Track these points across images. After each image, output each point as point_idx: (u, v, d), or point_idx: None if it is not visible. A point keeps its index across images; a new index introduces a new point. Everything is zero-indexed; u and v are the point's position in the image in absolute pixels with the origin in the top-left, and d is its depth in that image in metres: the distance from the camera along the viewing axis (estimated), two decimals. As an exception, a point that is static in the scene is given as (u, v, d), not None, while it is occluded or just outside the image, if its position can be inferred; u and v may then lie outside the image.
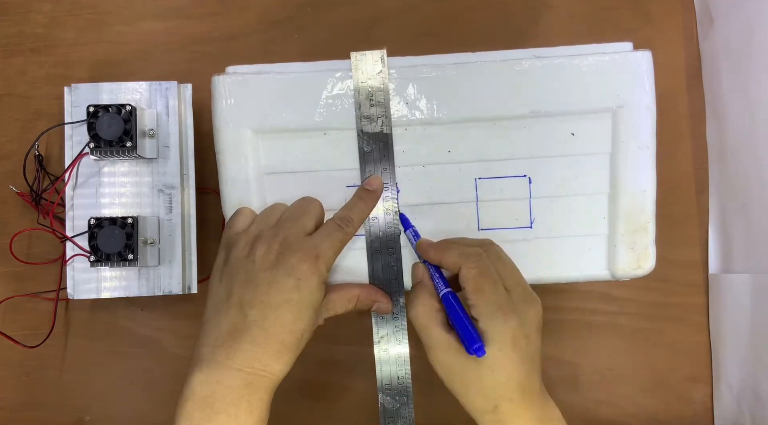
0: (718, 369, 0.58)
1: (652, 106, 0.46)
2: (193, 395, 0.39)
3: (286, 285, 0.40)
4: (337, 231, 0.43)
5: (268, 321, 0.40)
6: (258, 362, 0.40)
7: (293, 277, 0.40)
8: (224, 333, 0.40)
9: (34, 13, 0.59)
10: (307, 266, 0.41)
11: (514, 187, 0.47)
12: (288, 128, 0.46)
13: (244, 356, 0.40)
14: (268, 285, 0.40)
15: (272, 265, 0.41)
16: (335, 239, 0.43)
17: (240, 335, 0.40)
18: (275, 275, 0.40)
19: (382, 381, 0.46)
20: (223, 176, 0.47)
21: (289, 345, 0.40)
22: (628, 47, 0.47)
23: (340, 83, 0.46)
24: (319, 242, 0.42)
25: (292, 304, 0.40)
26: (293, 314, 0.40)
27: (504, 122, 0.47)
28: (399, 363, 0.46)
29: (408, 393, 0.46)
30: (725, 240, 0.58)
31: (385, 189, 0.46)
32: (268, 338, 0.40)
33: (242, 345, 0.40)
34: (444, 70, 0.46)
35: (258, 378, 0.40)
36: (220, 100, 0.46)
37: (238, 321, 0.40)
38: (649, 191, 0.47)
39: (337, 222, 0.44)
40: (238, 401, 0.39)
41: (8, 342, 0.54)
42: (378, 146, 0.46)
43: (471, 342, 0.39)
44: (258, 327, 0.40)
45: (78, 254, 0.51)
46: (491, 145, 0.47)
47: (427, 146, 0.47)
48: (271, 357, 0.40)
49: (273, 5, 0.60)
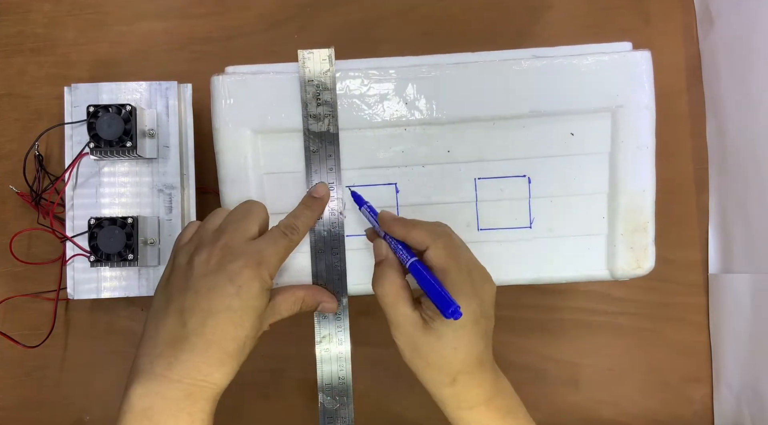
0: (718, 369, 0.58)
1: (652, 106, 0.46)
2: (131, 408, 0.38)
3: (227, 291, 0.39)
4: (281, 238, 0.42)
5: (208, 328, 0.38)
6: (198, 372, 0.38)
7: (234, 283, 0.39)
8: (162, 342, 0.39)
9: (34, 13, 0.59)
10: (248, 271, 0.39)
11: (513, 187, 0.47)
12: (287, 127, 0.46)
13: (183, 366, 0.38)
14: (208, 291, 0.39)
15: (212, 271, 0.39)
16: (280, 247, 0.42)
17: (179, 344, 0.38)
18: (215, 281, 0.39)
19: (323, 380, 0.46)
20: (223, 176, 0.47)
21: (231, 352, 0.39)
22: (628, 47, 0.47)
23: (339, 83, 0.46)
24: (263, 247, 0.41)
25: (232, 311, 0.39)
26: (234, 321, 0.39)
27: (503, 121, 0.47)
28: (340, 363, 0.46)
29: (348, 394, 0.46)
30: (725, 240, 0.58)
31: (330, 189, 0.46)
32: (209, 346, 0.38)
33: (182, 355, 0.38)
34: (443, 70, 0.46)
35: (198, 388, 0.38)
36: (219, 100, 0.46)
37: (176, 330, 0.39)
38: (649, 190, 0.47)
39: (282, 229, 0.43)
40: (177, 413, 0.38)
41: (8, 342, 0.54)
42: (323, 145, 0.46)
43: (447, 306, 0.38)
44: (197, 334, 0.38)
45: (78, 254, 0.51)
46: (491, 145, 0.47)
47: (427, 146, 0.47)
48: (212, 365, 0.39)
49: (273, 5, 0.60)
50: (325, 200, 0.46)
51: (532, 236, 0.47)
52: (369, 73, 0.46)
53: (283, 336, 0.59)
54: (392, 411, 0.43)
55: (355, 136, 0.47)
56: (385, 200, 0.48)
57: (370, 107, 0.46)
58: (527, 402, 0.58)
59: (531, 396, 0.58)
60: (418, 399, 0.58)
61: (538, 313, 0.53)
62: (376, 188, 0.47)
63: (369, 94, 0.46)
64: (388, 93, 0.46)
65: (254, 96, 0.46)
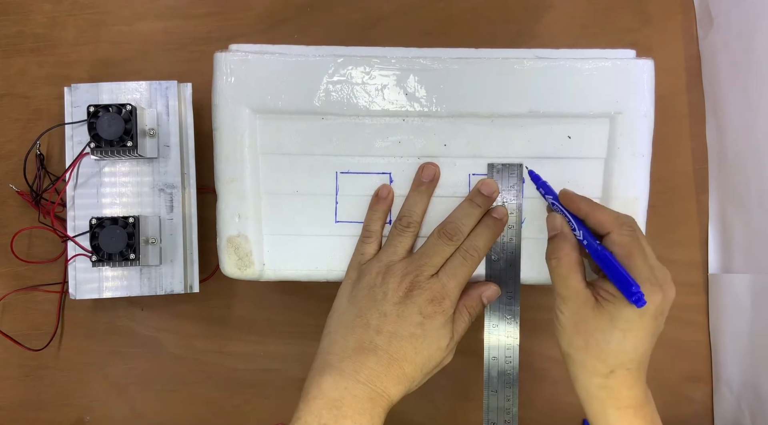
0: (718, 369, 0.58)
1: (651, 114, 0.46)
2: (322, 395, 0.41)
3: (413, 320, 0.43)
4: (462, 267, 0.44)
5: (393, 347, 0.42)
6: (380, 381, 0.41)
7: (420, 315, 0.43)
8: (351, 348, 0.42)
9: (34, 13, 0.59)
10: (433, 307, 0.43)
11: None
12: (287, 109, 0.46)
13: (369, 372, 0.41)
14: (397, 317, 0.43)
15: (401, 300, 0.43)
16: (461, 277, 0.44)
17: (366, 353, 0.42)
18: (403, 310, 0.43)
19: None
20: (218, 153, 0.47)
21: (408, 374, 0.42)
22: (631, 55, 0.46)
23: (341, 69, 0.46)
24: (446, 281, 0.44)
25: (415, 338, 0.42)
26: (415, 347, 0.42)
27: (502, 119, 0.47)
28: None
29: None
30: (725, 240, 0.58)
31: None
32: (391, 362, 0.42)
33: (367, 362, 0.42)
34: (445, 63, 0.46)
35: (379, 395, 0.41)
36: (220, 76, 0.46)
37: (364, 341, 0.42)
38: (642, 199, 0.47)
39: (462, 255, 0.44)
40: (362, 411, 0.40)
41: (8, 342, 0.54)
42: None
43: (633, 290, 0.38)
44: (383, 350, 0.42)
45: (79, 254, 0.51)
46: (487, 142, 0.47)
47: (424, 138, 0.47)
48: (391, 380, 0.42)
49: (273, 5, 0.60)
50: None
51: (524, 236, 0.47)
52: (371, 61, 0.46)
53: (283, 336, 0.59)
54: (393, 410, 0.43)
55: (353, 123, 0.47)
56: (379, 189, 0.48)
57: (369, 94, 0.46)
58: (527, 402, 0.58)
59: (531, 396, 0.59)
60: (419, 400, 0.58)
61: (538, 313, 0.53)
62: (370, 176, 0.47)
63: (369, 83, 0.46)
64: (389, 82, 0.46)
65: (256, 75, 0.46)
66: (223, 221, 0.47)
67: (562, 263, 0.42)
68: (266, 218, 0.47)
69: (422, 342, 0.43)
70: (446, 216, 0.46)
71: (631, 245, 0.40)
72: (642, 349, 0.40)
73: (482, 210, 0.46)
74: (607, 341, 0.40)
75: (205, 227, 0.54)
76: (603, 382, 0.41)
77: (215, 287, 0.57)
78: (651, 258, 0.41)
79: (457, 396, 0.59)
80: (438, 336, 0.43)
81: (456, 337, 0.44)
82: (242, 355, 0.58)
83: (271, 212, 0.47)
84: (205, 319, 0.58)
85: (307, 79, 0.46)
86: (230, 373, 0.59)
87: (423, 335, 0.43)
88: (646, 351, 0.40)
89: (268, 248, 0.48)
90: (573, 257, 0.42)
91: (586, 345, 0.40)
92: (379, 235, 0.47)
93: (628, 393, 0.41)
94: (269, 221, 0.47)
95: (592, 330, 0.40)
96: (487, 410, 0.46)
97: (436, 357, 0.43)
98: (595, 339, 0.40)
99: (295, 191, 0.47)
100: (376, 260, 0.45)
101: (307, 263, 0.48)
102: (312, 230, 0.48)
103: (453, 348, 0.45)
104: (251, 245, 0.47)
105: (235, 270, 0.47)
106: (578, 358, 0.41)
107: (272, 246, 0.48)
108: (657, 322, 0.40)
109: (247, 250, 0.47)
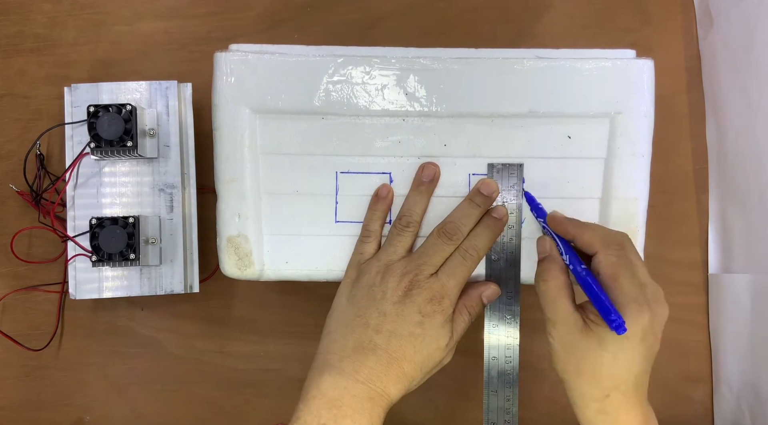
0: (718, 369, 0.58)
1: (651, 114, 0.46)
2: (321, 394, 0.41)
3: (412, 320, 0.43)
4: (461, 266, 0.44)
5: (392, 346, 0.42)
6: (379, 380, 0.42)
7: (419, 314, 0.43)
8: (350, 347, 0.42)
9: (34, 13, 0.59)
10: (432, 307, 0.43)
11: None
12: (287, 109, 0.46)
13: (369, 372, 0.41)
14: (396, 316, 0.43)
15: (400, 299, 0.43)
16: (460, 277, 0.44)
17: (365, 353, 0.42)
18: (402, 309, 0.43)
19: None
20: (218, 153, 0.47)
21: (407, 373, 0.42)
22: (631, 55, 0.46)
23: (341, 69, 0.46)
24: (445, 281, 0.44)
25: (415, 337, 0.42)
26: (414, 346, 0.42)
27: (502, 119, 0.47)
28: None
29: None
30: (725, 240, 0.58)
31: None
32: (391, 362, 0.42)
33: (367, 362, 0.42)
34: (445, 63, 0.46)
35: (378, 394, 0.41)
36: (220, 76, 0.46)
37: (364, 340, 0.42)
38: (641, 199, 0.47)
39: (462, 254, 0.44)
40: (362, 410, 0.40)
41: (8, 342, 0.54)
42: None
43: (612, 318, 0.37)
44: (383, 349, 0.42)
45: (79, 254, 0.51)
46: (487, 142, 0.47)
47: (424, 138, 0.47)
48: (390, 380, 0.42)
49: (273, 5, 0.60)
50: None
51: (523, 236, 0.47)
52: (371, 61, 0.46)
53: (283, 336, 0.59)
54: (393, 410, 0.43)
55: (353, 123, 0.47)
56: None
57: (369, 94, 0.46)
58: (527, 402, 0.58)
59: (531, 396, 0.59)
60: (419, 400, 0.58)
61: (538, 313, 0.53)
62: (370, 176, 0.47)
63: (369, 82, 0.46)
64: (389, 82, 0.46)
65: (256, 75, 0.46)
66: (223, 221, 0.47)
67: (549, 286, 0.42)
68: (266, 218, 0.47)
69: (421, 341, 0.43)
70: (446, 216, 0.46)
71: (617, 266, 0.40)
72: (636, 371, 0.39)
73: (482, 210, 0.46)
74: (599, 364, 0.39)
75: (205, 227, 0.54)
76: (600, 407, 0.40)
77: (215, 287, 0.57)
78: (642, 276, 0.40)
79: (457, 396, 0.59)
80: (437, 335, 0.43)
81: (455, 336, 0.44)
82: (242, 355, 0.58)
83: (271, 212, 0.47)
84: (205, 319, 0.59)
85: (307, 79, 0.46)
86: (230, 373, 0.59)
87: (422, 334, 0.43)
88: (640, 372, 0.40)
89: (268, 248, 0.48)
90: (561, 280, 0.42)
91: (578, 370, 0.40)
92: (378, 235, 0.47)
93: (626, 417, 0.40)
94: (269, 221, 0.47)
95: (582, 354, 0.40)
96: (487, 410, 0.46)
97: (436, 357, 0.43)
98: (586, 363, 0.40)
99: (295, 191, 0.47)
100: (375, 259, 0.45)
101: (307, 263, 0.48)
102: (312, 230, 0.48)
103: (453, 347, 0.45)
104: (251, 245, 0.47)
105: (235, 270, 0.47)
106: (573, 384, 0.41)
107: (272, 246, 0.48)
108: (647, 343, 0.39)
109: (247, 250, 0.47)
